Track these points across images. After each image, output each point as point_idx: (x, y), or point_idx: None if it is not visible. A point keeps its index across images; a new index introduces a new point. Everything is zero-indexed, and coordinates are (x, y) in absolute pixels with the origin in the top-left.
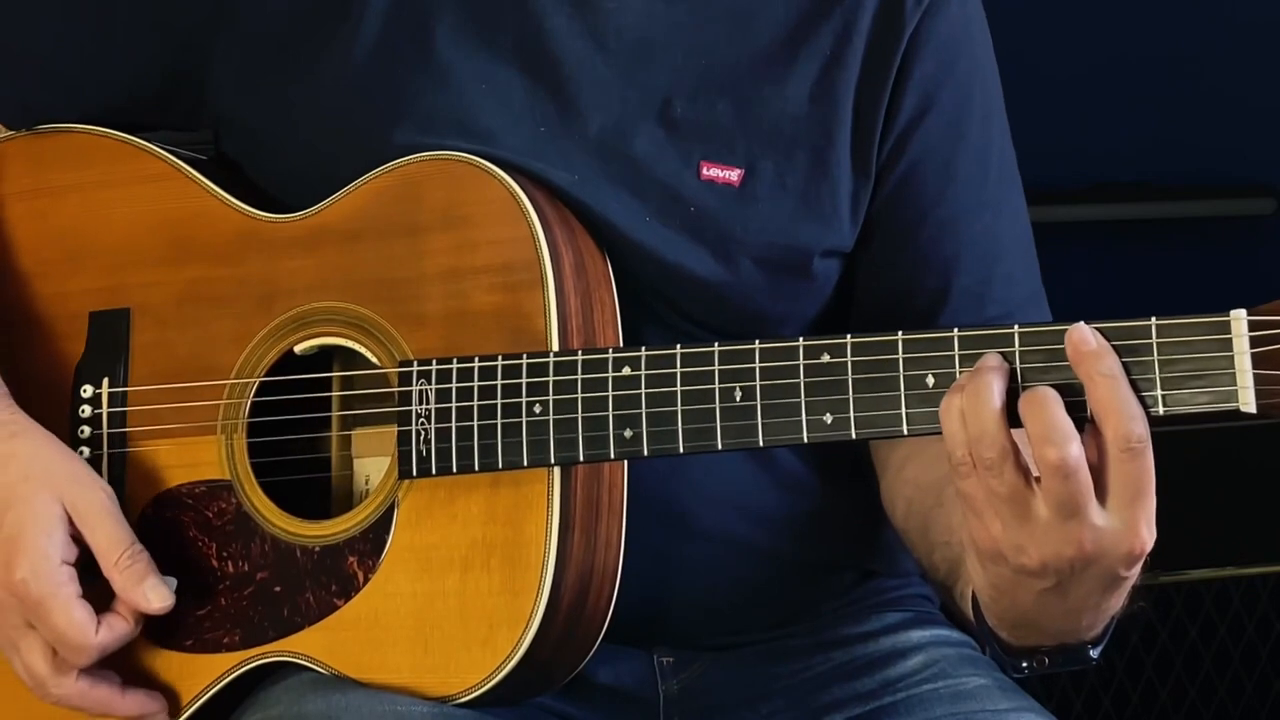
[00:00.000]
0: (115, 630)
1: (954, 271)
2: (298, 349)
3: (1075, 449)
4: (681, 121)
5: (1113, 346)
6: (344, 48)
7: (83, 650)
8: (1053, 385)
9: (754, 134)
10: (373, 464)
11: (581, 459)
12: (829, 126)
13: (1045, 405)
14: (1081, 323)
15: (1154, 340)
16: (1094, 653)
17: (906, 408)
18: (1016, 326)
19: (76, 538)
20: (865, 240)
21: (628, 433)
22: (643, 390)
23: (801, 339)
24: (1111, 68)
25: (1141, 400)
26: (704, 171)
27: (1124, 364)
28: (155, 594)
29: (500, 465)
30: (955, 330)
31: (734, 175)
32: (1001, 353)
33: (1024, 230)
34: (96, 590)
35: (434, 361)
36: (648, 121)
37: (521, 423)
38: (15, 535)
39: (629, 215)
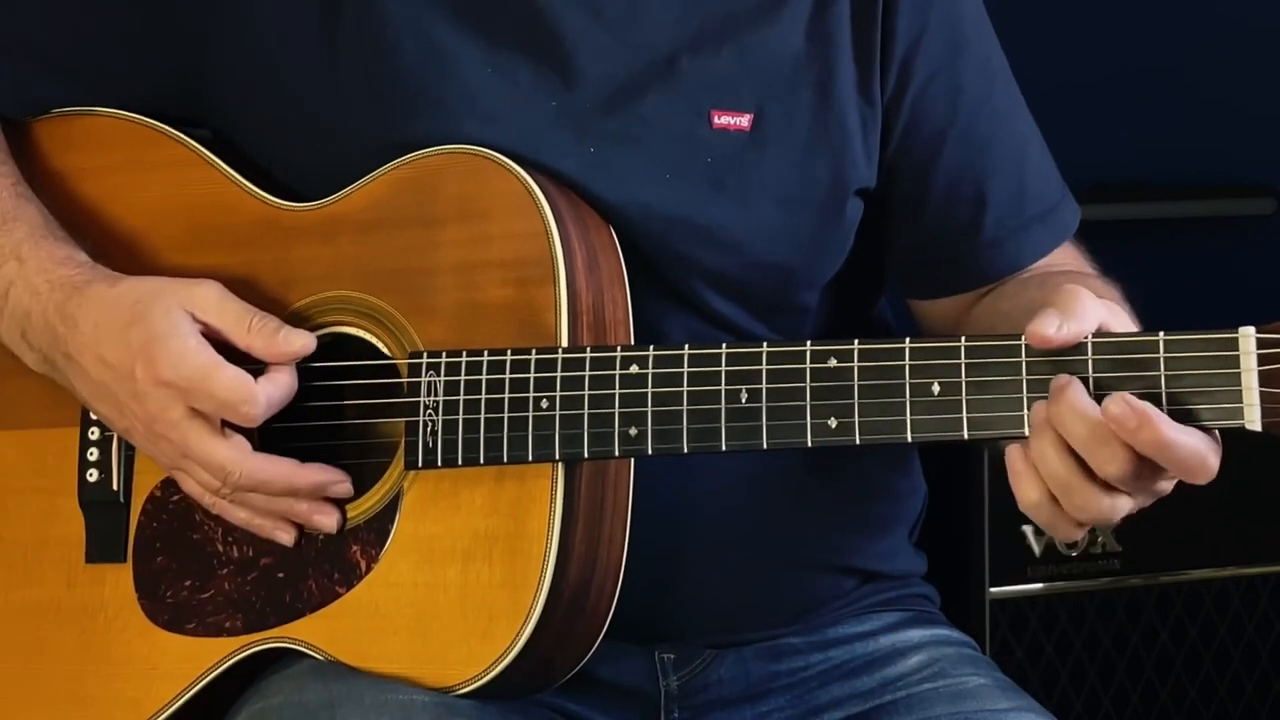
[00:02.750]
0: (275, 380)
1: (988, 178)
2: None
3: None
4: (687, 75)
5: (1120, 360)
6: (345, 48)
7: (252, 400)
8: None
9: (758, 77)
10: (382, 458)
11: (586, 455)
12: (829, 60)
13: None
14: (1122, 394)
15: (1161, 355)
16: None
17: (911, 414)
18: (1024, 336)
19: (204, 333)
20: (892, 177)
21: (633, 430)
22: (649, 389)
23: (809, 343)
24: (1111, 68)
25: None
26: (715, 120)
27: (1129, 377)
28: (295, 335)
29: (505, 459)
30: (962, 340)
31: (744, 121)
32: (1008, 363)
33: (1035, 128)
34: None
35: (443, 354)
36: (655, 81)
37: (528, 417)
38: (146, 339)
39: (649, 177)
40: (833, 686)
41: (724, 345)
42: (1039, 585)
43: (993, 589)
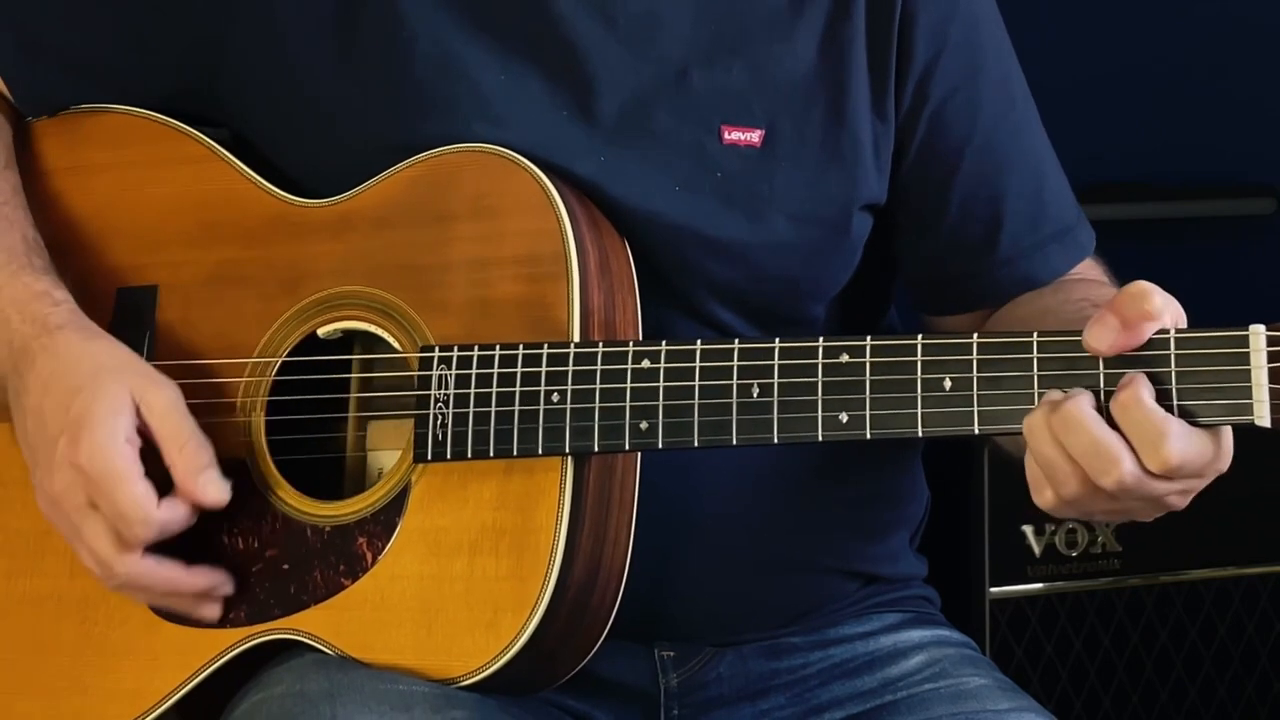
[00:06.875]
0: (175, 510)
1: (1004, 197)
2: (321, 332)
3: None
4: (699, 89)
5: (1131, 358)
6: (360, 50)
7: (143, 523)
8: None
9: (770, 93)
10: (388, 455)
11: (596, 449)
12: (841, 76)
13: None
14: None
15: (1172, 352)
16: None
17: (922, 409)
18: (1035, 334)
19: (142, 431)
20: (905, 194)
21: (644, 424)
22: (661, 383)
23: (821, 339)
24: (1112, 67)
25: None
26: (726, 136)
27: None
28: (212, 485)
29: (515, 452)
30: (974, 337)
31: (755, 136)
32: (1020, 359)
33: (1051, 150)
34: (159, 481)
35: (455, 348)
36: (666, 93)
37: (539, 410)
38: (83, 415)
39: (658, 189)
40: (833, 685)
41: (736, 341)
42: (1039, 585)
43: (993, 589)
